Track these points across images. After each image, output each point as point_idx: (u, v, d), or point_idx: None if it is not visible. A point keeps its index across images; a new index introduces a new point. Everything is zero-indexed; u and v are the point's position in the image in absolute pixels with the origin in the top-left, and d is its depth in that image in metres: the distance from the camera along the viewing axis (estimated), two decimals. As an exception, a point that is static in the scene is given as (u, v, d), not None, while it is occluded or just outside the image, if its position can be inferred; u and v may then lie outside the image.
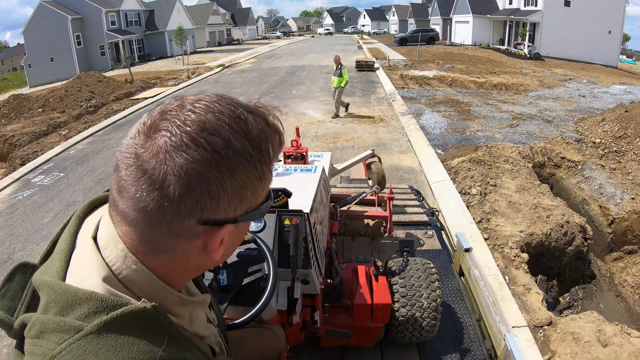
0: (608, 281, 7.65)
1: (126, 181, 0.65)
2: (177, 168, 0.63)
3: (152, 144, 0.64)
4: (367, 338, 3.06)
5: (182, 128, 0.64)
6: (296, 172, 3.41)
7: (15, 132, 13.54)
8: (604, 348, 4.33)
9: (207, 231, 0.70)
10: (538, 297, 5.00)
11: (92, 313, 0.65)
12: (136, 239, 0.69)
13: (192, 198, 0.64)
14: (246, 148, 0.68)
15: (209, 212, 0.67)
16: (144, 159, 0.64)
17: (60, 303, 0.66)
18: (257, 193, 0.74)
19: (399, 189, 6.35)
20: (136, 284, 0.71)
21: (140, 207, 0.65)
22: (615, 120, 11.04)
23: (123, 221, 0.69)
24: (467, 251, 3.87)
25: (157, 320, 0.68)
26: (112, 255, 0.70)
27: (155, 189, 0.63)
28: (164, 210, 0.65)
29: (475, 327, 3.40)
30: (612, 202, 8.14)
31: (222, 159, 0.65)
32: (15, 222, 7.29)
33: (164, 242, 0.69)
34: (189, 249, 0.71)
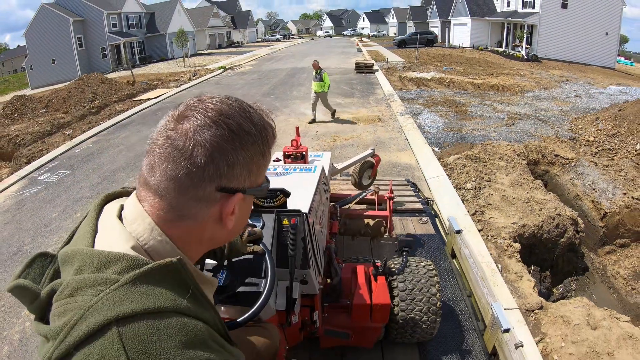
0: (601, 273, 7.83)
1: (159, 158, 0.82)
2: (202, 141, 0.80)
3: (181, 127, 0.82)
4: (367, 338, 3.07)
5: (204, 113, 0.83)
6: (295, 171, 3.41)
7: (20, 132, 13.69)
8: (593, 331, 4.49)
9: (223, 198, 0.86)
10: (530, 284, 5.18)
11: (125, 269, 0.76)
12: (164, 208, 0.84)
13: (214, 165, 0.81)
14: (252, 130, 0.87)
15: (226, 179, 0.84)
16: (175, 138, 0.81)
17: (94, 264, 0.77)
18: (260, 169, 0.92)
19: (397, 181, 6.56)
20: (160, 254, 0.84)
21: (172, 175, 0.81)
22: (609, 119, 11.24)
23: (153, 194, 0.84)
24: (458, 233, 4.07)
25: (182, 276, 0.81)
26: (140, 228, 0.84)
27: (185, 158, 0.80)
28: (192, 175, 0.81)
29: (466, 301, 3.59)
30: (605, 197, 8.34)
31: (235, 136, 0.84)
32: (23, 217, 7.46)
33: (189, 208, 0.84)
34: (207, 216, 0.86)
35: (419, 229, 5.10)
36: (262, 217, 2.34)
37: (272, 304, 2.15)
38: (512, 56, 35.24)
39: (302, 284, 2.40)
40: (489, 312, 3.06)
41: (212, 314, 0.87)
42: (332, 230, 3.87)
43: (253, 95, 17.15)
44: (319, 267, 2.65)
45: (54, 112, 16.39)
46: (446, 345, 3.44)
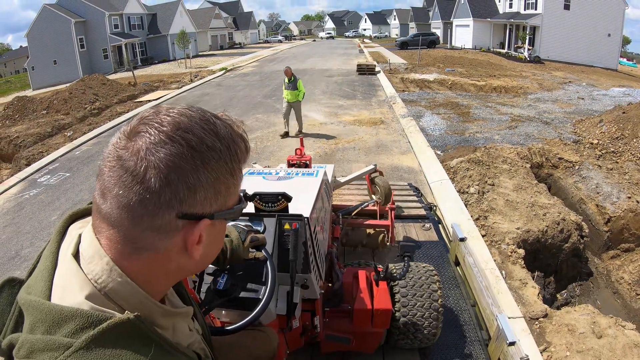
0: (605, 278, 7.75)
1: (109, 182, 0.72)
2: (156, 161, 0.69)
3: (132, 145, 0.71)
4: (368, 343, 3.05)
5: (159, 128, 0.72)
6: (297, 175, 3.40)
7: (20, 134, 13.68)
8: (598, 339, 4.42)
9: (186, 226, 0.75)
10: (534, 291, 5.11)
11: (79, 329, 0.68)
12: (119, 241, 0.74)
13: (171, 189, 0.70)
14: (216, 145, 0.75)
15: (187, 204, 0.73)
16: (126, 158, 0.70)
17: (47, 322, 0.70)
18: (230, 190, 0.81)
19: (399, 186, 6.48)
20: (121, 295, 0.75)
21: (124, 203, 0.71)
22: (613, 122, 11.16)
23: (106, 224, 0.74)
24: (462, 241, 4.00)
25: (141, 330, 0.72)
26: (97, 269, 0.74)
27: (137, 182, 0.69)
28: (146, 202, 0.70)
29: (470, 311, 3.52)
30: (609, 201, 8.26)
31: (196, 153, 0.72)
32: (22, 220, 7.42)
33: (146, 239, 0.74)
34: (170, 246, 0.76)
35: (422, 236, 5.02)
36: (264, 221, 2.31)
37: (272, 308, 2.14)
38: (514, 58, 35.18)
39: (303, 289, 2.39)
40: (493, 324, 3.00)
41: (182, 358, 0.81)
42: (334, 235, 3.84)
43: (254, 97, 17.12)
44: (320, 271, 2.64)
45: (55, 113, 16.38)
46: (449, 355, 3.38)
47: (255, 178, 3.31)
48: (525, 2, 38.70)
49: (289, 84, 10.75)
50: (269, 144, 10.46)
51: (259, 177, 3.34)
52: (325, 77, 22.47)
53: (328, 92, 17.70)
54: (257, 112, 14.06)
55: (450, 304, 3.66)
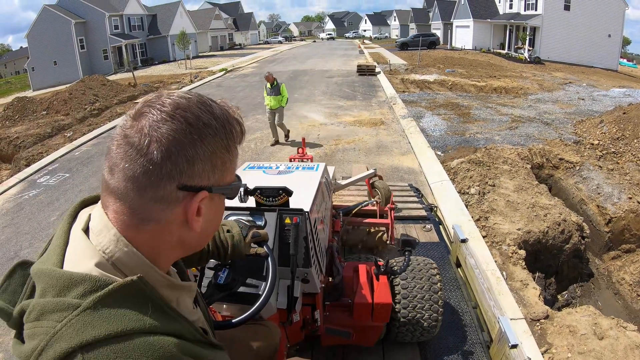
0: (606, 279, 7.73)
1: (116, 158, 0.78)
2: (158, 136, 0.77)
3: (137, 124, 0.78)
4: (368, 337, 3.06)
5: (161, 109, 0.79)
6: (297, 170, 3.41)
7: (20, 134, 13.66)
8: (600, 341, 4.41)
9: (186, 197, 0.82)
10: (535, 292, 5.09)
11: (87, 292, 0.74)
12: (127, 213, 0.80)
13: (172, 161, 0.77)
14: (212, 122, 0.83)
15: (186, 176, 0.80)
16: (131, 135, 0.78)
17: (57, 287, 0.75)
18: (226, 165, 0.88)
19: (399, 187, 6.46)
20: (127, 265, 0.81)
21: (129, 175, 0.77)
22: (613, 122, 11.15)
23: (114, 198, 0.81)
24: (464, 242, 3.97)
25: (145, 292, 0.78)
26: (105, 240, 0.81)
27: (141, 155, 0.76)
28: (149, 173, 0.77)
29: (471, 313, 3.50)
30: (610, 201, 8.24)
31: (193, 128, 0.80)
32: (21, 221, 7.40)
33: (150, 209, 0.80)
34: (172, 217, 0.82)
35: (422, 237, 5.00)
36: (265, 215, 2.33)
37: (273, 302, 2.15)
38: (514, 58, 35.16)
39: (303, 283, 2.40)
40: (495, 326, 2.97)
41: (184, 324, 0.85)
42: (335, 229, 3.85)
43: (254, 98, 17.08)
44: (321, 265, 2.65)
45: (55, 114, 16.37)
46: (451, 358, 3.35)
47: (255, 172, 3.33)
48: (525, 2, 38.69)
49: (272, 89, 10.25)
50: (269, 144, 10.44)
51: (259, 171, 3.36)
52: (325, 77, 22.46)
53: (328, 92, 17.68)
54: (257, 113, 14.04)
55: (452, 306, 3.64)
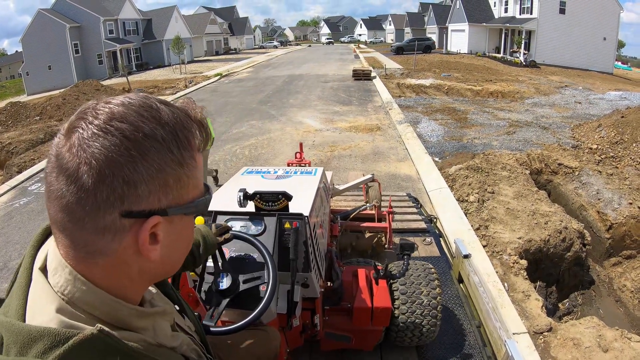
0: (607, 286, 7.63)
1: (50, 184, 0.68)
2: (88, 157, 0.65)
3: (68, 142, 0.67)
4: (367, 341, 3.05)
5: (92, 122, 0.67)
6: (296, 174, 3.41)
7: (13, 140, 13.49)
8: (604, 353, 4.31)
9: (134, 225, 0.70)
10: (537, 304, 4.98)
11: (47, 349, 0.65)
12: (71, 246, 0.71)
13: (107, 185, 0.66)
14: (157, 132, 0.70)
15: (129, 201, 0.68)
16: (62, 156, 0.66)
17: (18, 343, 0.67)
18: (182, 182, 0.74)
19: (397, 197, 6.34)
20: (90, 304, 0.72)
21: (63, 205, 0.67)
22: (612, 126, 11.08)
23: (57, 230, 0.71)
24: (466, 257, 3.86)
25: (107, 343, 0.68)
26: (62, 280, 0.71)
27: (71, 182, 0.65)
28: (83, 202, 0.66)
29: (475, 333, 3.38)
30: (610, 207, 8.14)
31: (130, 143, 0.67)
32: (11, 230, 7.24)
33: (95, 242, 0.69)
34: (121, 249, 0.71)
35: (422, 251, 4.88)
36: (264, 220, 2.34)
37: (273, 307, 2.15)
38: (510, 62, 35.24)
39: (303, 288, 2.39)
40: (501, 349, 2.86)
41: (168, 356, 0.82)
42: (333, 233, 3.85)
43: (249, 103, 16.99)
44: (321, 270, 2.65)
45: (48, 119, 16.23)
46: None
47: (254, 177, 3.34)
48: (520, 6, 38.86)
49: None
50: (264, 151, 10.31)
51: (258, 176, 3.36)
52: (320, 82, 22.40)
53: (324, 97, 17.61)
54: (252, 119, 13.93)
55: (455, 326, 3.52)
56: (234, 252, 2.19)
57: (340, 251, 4.68)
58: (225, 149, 10.55)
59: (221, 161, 9.67)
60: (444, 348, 3.32)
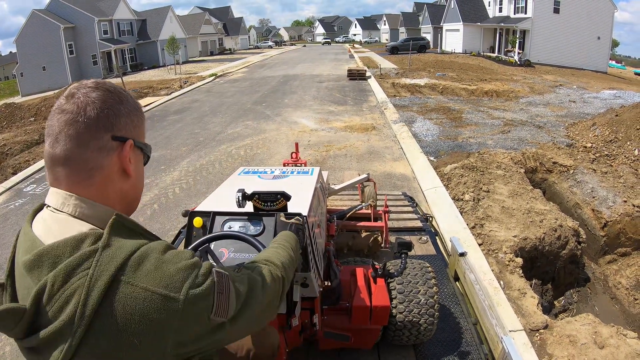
0: (602, 284, 7.67)
1: (59, 127, 0.98)
2: (90, 100, 1.00)
3: (71, 99, 1.00)
4: (366, 340, 3.05)
5: (86, 86, 1.03)
6: (293, 174, 3.38)
7: (7, 141, 13.47)
8: (600, 350, 4.34)
9: (118, 147, 1.04)
10: (533, 301, 5.00)
11: (95, 239, 0.91)
12: (75, 170, 0.99)
13: (104, 115, 1.01)
14: (124, 93, 1.09)
15: (116, 129, 1.03)
16: (69, 108, 0.99)
17: (67, 250, 0.89)
18: (141, 125, 1.13)
19: (393, 196, 6.34)
20: (95, 217, 0.99)
21: (74, 134, 0.97)
22: (606, 125, 11.13)
23: (62, 165, 0.99)
24: (462, 255, 3.86)
25: (125, 224, 0.97)
26: (70, 207, 0.98)
27: (81, 115, 0.98)
28: (90, 127, 0.99)
29: (471, 331, 3.38)
30: (605, 205, 8.18)
31: (113, 93, 1.05)
32: (6, 232, 7.21)
33: (94, 158, 1.00)
34: (111, 164, 1.03)
35: (418, 250, 4.88)
36: (263, 220, 2.31)
37: None
38: (504, 61, 35.30)
39: (302, 287, 2.36)
40: (498, 346, 2.86)
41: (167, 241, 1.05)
42: (330, 232, 3.83)
43: (244, 104, 16.97)
44: (319, 269, 2.62)
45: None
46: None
47: (250, 177, 3.30)
48: (515, 6, 38.97)
49: None
50: (259, 151, 10.30)
51: (254, 176, 3.33)
52: (315, 82, 22.40)
53: (319, 97, 17.61)
54: (246, 119, 13.92)
55: (451, 323, 3.53)
56: (233, 252, 2.18)
57: (337, 251, 4.67)
58: (220, 149, 10.54)
59: (217, 161, 9.66)
60: (441, 346, 3.32)
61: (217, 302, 0.96)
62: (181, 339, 0.90)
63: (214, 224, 2.31)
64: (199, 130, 12.74)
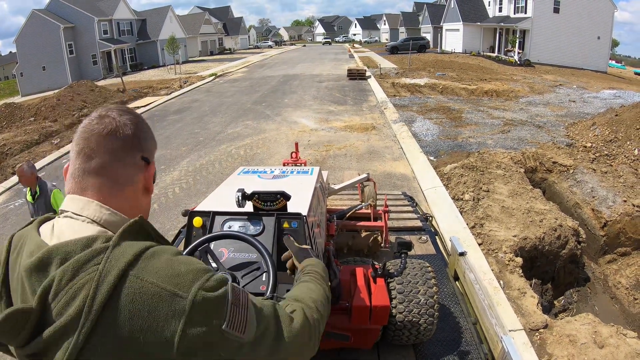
0: (602, 283, 7.67)
1: (96, 143, 1.04)
2: (125, 121, 1.09)
3: (105, 120, 1.07)
4: (366, 339, 3.04)
5: (116, 109, 1.12)
6: (292, 174, 3.40)
7: (7, 141, 13.45)
8: (600, 349, 4.34)
9: (145, 166, 1.13)
10: (533, 301, 5.00)
11: (107, 238, 0.92)
12: (108, 181, 1.05)
13: (136, 137, 1.10)
14: (145, 121, 1.19)
15: (144, 150, 1.13)
16: (103, 127, 1.05)
17: (79, 246, 0.90)
18: (154, 151, 1.20)
19: (392, 196, 6.34)
20: (113, 223, 1.02)
21: (111, 148, 1.05)
22: (606, 125, 11.13)
23: (95, 176, 1.04)
24: (462, 255, 3.85)
25: (145, 228, 1.01)
26: (90, 211, 1.01)
27: (119, 133, 1.06)
28: (125, 144, 1.07)
29: (471, 330, 3.38)
30: (605, 205, 8.18)
31: (139, 119, 1.14)
32: (6, 232, 7.23)
33: (127, 173, 1.08)
34: (138, 181, 1.11)
35: (418, 249, 4.87)
36: (263, 220, 2.33)
37: None
38: (504, 61, 35.27)
39: None
40: (498, 346, 2.86)
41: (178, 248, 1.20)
42: (330, 232, 3.83)
43: (244, 103, 16.97)
44: None
45: (43, 120, 16.15)
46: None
47: (250, 177, 3.31)
48: (514, 6, 38.92)
49: (35, 201, 5.19)
50: (259, 151, 10.31)
51: (254, 176, 3.34)
52: (315, 82, 22.41)
53: (319, 97, 17.62)
54: (246, 119, 13.92)
55: (451, 322, 3.53)
56: (233, 252, 2.18)
57: (337, 251, 4.66)
58: (220, 149, 10.54)
59: (216, 161, 9.66)
60: (441, 345, 3.32)
61: (231, 313, 0.93)
62: (189, 345, 0.87)
63: (214, 224, 2.32)
64: (199, 130, 12.74)
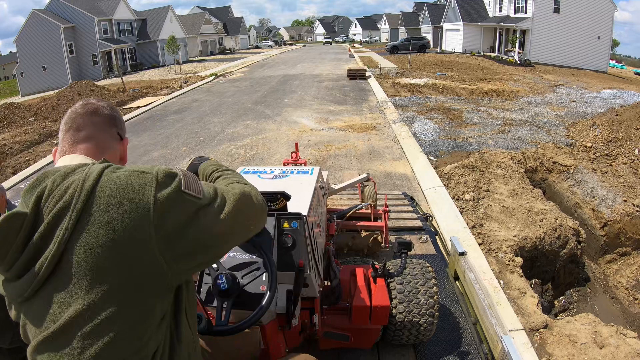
0: (602, 283, 7.67)
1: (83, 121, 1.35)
2: (103, 104, 1.43)
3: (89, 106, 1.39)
4: (366, 339, 3.04)
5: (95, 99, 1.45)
6: (292, 174, 3.38)
7: (7, 141, 13.43)
8: (600, 349, 4.33)
9: (120, 141, 1.45)
10: (533, 301, 5.00)
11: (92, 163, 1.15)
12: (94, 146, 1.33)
13: (112, 116, 1.43)
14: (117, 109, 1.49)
15: (118, 127, 1.45)
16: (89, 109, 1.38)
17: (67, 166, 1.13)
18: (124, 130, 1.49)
19: (392, 195, 6.34)
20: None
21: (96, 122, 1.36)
22: (606, 124, 11.13)
23: (84, 143, 1.31)
24: (462, 255, 3.86)
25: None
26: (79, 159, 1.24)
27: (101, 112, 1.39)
28: (105, 120, 1.40)
29: (471, 330, 3.38)
30: (605, 205, 8.18)
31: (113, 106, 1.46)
32: (6, 232, 7.20)
33: (109, 142, 1.39)
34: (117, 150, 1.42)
35: (418, 249, 4.88)
36: None
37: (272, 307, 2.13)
38: (504, 61, 35.29)
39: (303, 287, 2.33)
40: (498, 346, 2.86)
41: None
42: (330, 232, 3.83)
43: (244, 103, 16.96)
44: (319, 269, 2.63)
45: (43, 120, 16.14)
46: None
47: (250, 177, 3.29)
48: (515, 5, 38.94)
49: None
50: (259, 151, 10.29)
51: (254, 175, 3.33)
52: (315, 82, 22.39)
53: (319, 97, 17.60)
54: (246, 119, 13.90)
55: (451, 322, 3.53)
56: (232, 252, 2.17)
57: (337, 250, 4.66)
58: (220, 149, 10.54)
59: (217, 161, 9.63)
60: (441, 345, 3.32)
61: (186, 181, 1.15)
62: (162, 207, 1.06)
63: None
64: (199, 130, 12.73)
